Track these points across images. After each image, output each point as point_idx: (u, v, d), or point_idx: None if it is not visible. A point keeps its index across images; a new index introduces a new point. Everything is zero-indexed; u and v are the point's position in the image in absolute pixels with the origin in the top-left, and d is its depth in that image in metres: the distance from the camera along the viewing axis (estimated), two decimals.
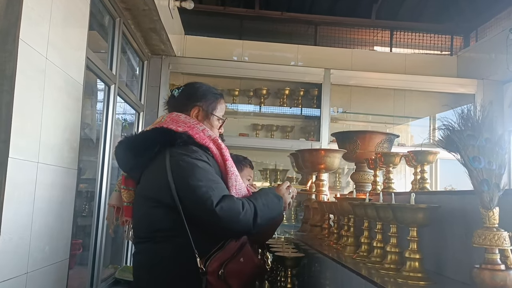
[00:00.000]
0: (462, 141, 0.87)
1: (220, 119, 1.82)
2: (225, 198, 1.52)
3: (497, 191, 0.86)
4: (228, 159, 1.69)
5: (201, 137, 1.65)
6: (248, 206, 1.56)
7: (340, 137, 2.82)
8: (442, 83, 4.37)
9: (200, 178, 1.51)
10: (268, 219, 1.65)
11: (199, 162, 1.56)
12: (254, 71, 4.27)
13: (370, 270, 1.42)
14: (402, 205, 1.25)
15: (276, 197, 1.72)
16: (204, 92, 1.80)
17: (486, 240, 0.84)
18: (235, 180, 1.68)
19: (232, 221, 1.51)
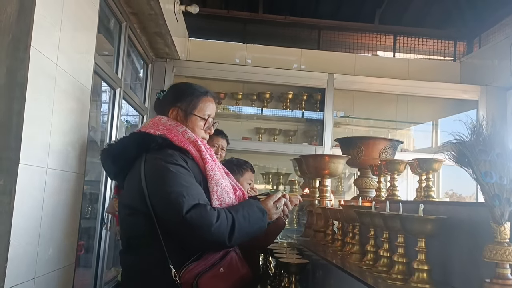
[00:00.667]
0: (474, 155, 0.88)
1: (202, 118, 1.69)
2: (197, 206, 1.42)
3: (508, 206, 0.87)
4: (207, 162, 1.59)
5: (180, 140, 1.58)
6: (224, 217, 1.46)
7: (344, 142, 2.83)
8: (445, 89, 4.38)
9: (171, 183, 1.43)
10: (248, 233, 1.54)
11: (172, 166, 1.47)
12: (257, 74, 4.28)
13: (377, 280, 1.42)
14: (411, 216, 1.26)
15: (261, 211, 1.60)
16: (184, 91, 1.71)
17: (497, 255, 0.85)
18: (215, 185, 1.57)
19: (203, 232, 1.40)
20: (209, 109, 1.71)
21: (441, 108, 4.71)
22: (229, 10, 4.98)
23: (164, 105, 1.70)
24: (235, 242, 1.50)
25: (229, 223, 1.46)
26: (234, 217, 1.48)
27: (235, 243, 1.52)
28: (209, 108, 1.71)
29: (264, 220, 1.59)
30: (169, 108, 1.67)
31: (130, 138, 1.60)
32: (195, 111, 1.67)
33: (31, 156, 1.43)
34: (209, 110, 1.71)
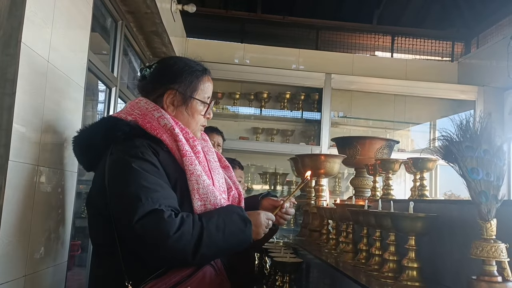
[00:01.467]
0: (460, 152, 0.88)
1: (204, 102, 1.44)
2: (153, 213, 1.16)
3: (495, 203, 0.86)
4: (185, 154, 1.32)
5: (153, 127, 1.32)
6: (189, 226, 1.18)
7: (340, 142, 2.83)
8: (442, 89, 4.38)
9: (129, 183, 1.19)
10: (221, 249, 1.26)
11: (135, 161, 1.22)
12: (255, 74, 4.29)
13: (369, 278, 1.42)
14: (401, 213, 1.26)
15: (242, 220, 1.30)
16: (181, 70, 1.42)
17: (483, 251, 0.84)
18: (196, 182, 1.30)
19: (157, 246, 1.16)
20: (209, 90, 1.47)
21: (438, 109, 4.71)
22: (227, 10, 4.99)
23: (152, 86, 1.43)
24: (202, 259, 1.22)
25: (195, 234, 1.18)
26: (204, 227, 1.20)
27: (203, 260, 1.23)
28: (209, 89, 1.47)
29: (246, 232, 1.29)
30: (161, 90, 1.41)
31: (98, 125, 1.37)
32: (196, 94, 1.42)
33: (21, 153, 1.42)
34: (209, 91, 1.47)
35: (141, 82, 1.48)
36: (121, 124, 1.30)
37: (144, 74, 1.45)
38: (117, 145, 1.28)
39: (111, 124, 1.32)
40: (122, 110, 1.42)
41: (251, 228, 1.31)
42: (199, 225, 1.21)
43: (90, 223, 1.35)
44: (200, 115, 1.45)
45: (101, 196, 1.24)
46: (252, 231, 1.32)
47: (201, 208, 1.30)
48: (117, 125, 1.31)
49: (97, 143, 1.32)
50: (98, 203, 1.28)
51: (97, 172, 1.32)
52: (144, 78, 1.46)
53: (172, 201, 1.23)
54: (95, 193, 1.30)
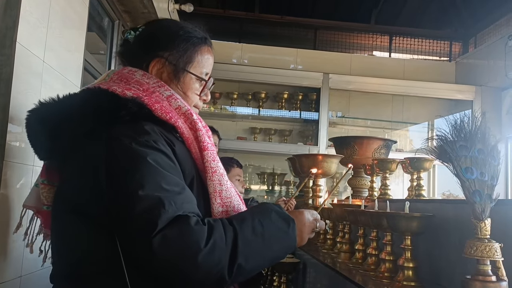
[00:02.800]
0: (454, 151, 0.88)
1: (200, 79, 1.15)
2: (176, 221, 0.87)
3: (489, 202, 0.86)
4: (207, 147, 1.05)
5: (164, 109, 1.02)
6: (220, 234, 0.89)
7: (338, 142, 2.83)
8: (440, 89, 4.39)
9: (143, 181, 0.88)
10: (262, 257, 0.96)
11: (149, 152, 0.93)
12: (253, 74, 4.28)
13: (365, 278, 1.42)
14: (396, 213, 1.26)
15: (284, 220, 1.01)
16: (174, 33, 1.14)
17: (477, 251, 0.84)
18: (219, 182, 1.03)
19: (184, 263, 0.86)
20: (208, 64, 1.18)
21: (436, 108, 4.72)
22: (225, 10, 4.98)
23: (136, 52, 1.13)
24: (239, 274, 0.91)
25: (229, 242, 0.90)
26: (236, 232, 0.92)
27: (240, 276, 0.92)
28: (208, 63, 1.18)
29: (290, 234, 1.01)
30: (147, 58, 1.11)
31: (82, 99, 1.02)
32: (190, 66, 1.13)
33: (17, 154, 1.42)
34: (208, 66, 1.18)
35: (122, 47, 1.19)
36: (124, 101, 0.98)
37: (128, 37, 1.16)
38: (118, 128, 0.96)
39: (107, 100, 0.99)
40: (110, 81, 1.09)
41: (295, 228, 1.02)
42: (231, 229, 0.92)
43: (67, 233, 0.99)
44: (195, 94, 1.16)
45: (93, 196, 0.93)
46: (296, 232, 1.03)
47: (222, 215, 1.02)
48: (117, 101, 0.99)
49: (81, 125, 0.98)
50: (84, 205, 0.96)
51: (80, 164, 0.99)
52: (127, 42, 1.16)
53: (194, 206, 0.96)
54: (79, 193, 0.97)
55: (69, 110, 1.01)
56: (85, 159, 0.98)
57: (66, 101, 1.04)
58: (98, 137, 0.96)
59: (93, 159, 0.95)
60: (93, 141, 0.96)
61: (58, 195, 1.05)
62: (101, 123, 0.97)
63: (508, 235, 1.03)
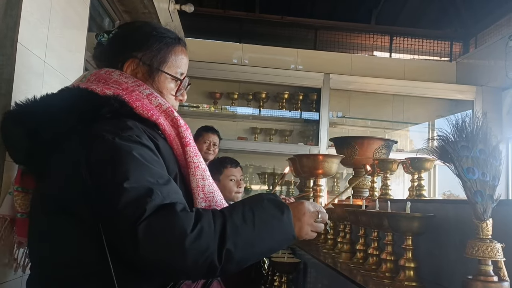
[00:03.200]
0: (456, 152, 0.88)
1: (175, 78, 1.16)
2: (162, 209, 0.86)
3: (490, 203, 0.86)
4: (189, 143, 1.06)
5: (145, 107, 1.03)
6: (208, 219, 0.88)
7: (338, 142, 2.83)
8: (441, 89, 4.38)
9: (128, 174, 0.88)
10: (253, 245, 0.92)
11: (133, 147, 0.93)
12: (253, 74, 4.29)
13: (366, 278, 1.42)
14: (397, 213, 1.26)
15: (277, 207, 0.97)
16: (147, 34, 1.16)
17: (479, 251, 0.84)
18: (201, 177, 1.04)
19: (169, 252, 0.83)
20: (183, 64, 1.19)
21: (437, 109, 4.71)
22: (225, 10, 4.98)
23: (109, 54, 1.16)
24: (230, 263, 0.88)
25: (217, 228, 0.88)
26: (225, 218, 0.90)
27: (231, 263, 0.88)
28: (182, 63, 1.19)
29: (284, 221, 0.96)
30: (121, 59, 1.13)
31: (62, 98, 1.03)
32: (164, 66, 1.14)
33: None
34: (183, 66, 1.19)
35: (96, 50, 1.19)
36: (106, 98, 0.99)
37: (101, 40, 1.17)
38: (99, 125, 0.96)
39: (88, 98, 0.99)
40: (88, 81, 1.09)
41: (290, 215, 0.97)
42: (220, 216, 0.90)
43: (49, 233, 0.97)
44: (170, 95, 1.17)
45: (76, 193, 0.92)
46: (292, 221, 0.97)
47: None
48: (98, 99, 0.99)
49: (64, 122, 0.97)
50: (68, 203, 0.94)
51: (61, 163, 0.97)
52: (100, 45, 1.18)
53: (181, 197, 0.94)
54: (61, 191, 0.95)
55: (49, 110, 1.01)
56: (68, 158, 0.96)
57: (44, 101, 1.05)
58: (80, 135, 0.96)
59: (76, 157, 0.94)
60: (74, 140, 0.96)
61: (38, 198, 1.03)
62: (83, 121, 0.98)
63: (509, 235, 1.03)
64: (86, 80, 1.10)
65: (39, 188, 1.04)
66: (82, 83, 1.08)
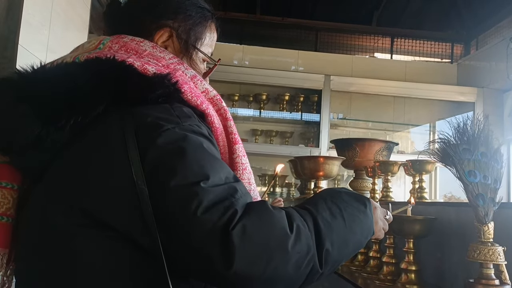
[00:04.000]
0: (457, 155, 0.87)
1: (211, 60, 1.00)
2: (253, 207, 0.70)
3: (492, 206, 0.86)
4: (238, 140, 0.89)
5: (194, 92, 0.83)
6: (298, 217, 0.73)
7: (339, 144, 2.82)
8: (442, 91, 4.38)
9: (205, 171, 0.70)
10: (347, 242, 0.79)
11: (201, 138, 0.75)
12: (254, 76, 4.28)
13: (367, 281, 1.42)
14: (399, 216, 1.25)
15: (357, 200, 0.85)
16: (183, 1, 0.96)
17: (480, 255, 0.84)
18: (248, 182, 0.89)
19: (271, 257, 0.67)
20: (214, 45, 1.03)
21: (438, 110, 4.71)
22: (226, 11, 4.98)
23: (137, 18, 0.93)
24: (329, 266, 0.74)
25: (310, 226, 0.73)
26: (313, 214, 0.76)
27: (329, 267, 0.75)
28: (214, 43, 1.02)
29: (368, 214, 0.84)
30: (151, 26, 0.92)
31: (91, 71, 0.77)
32: (200, 44, 0.96)
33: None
34: (213, 47, 1.03)
35: (112, 8, 0.96)
36: (160, 77, 0.78)
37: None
38: (146, 110, 0.75)
39: (132, 74, 0.77)
40: (111, 49, 0.84)
41: (371, 208, 0.86)
42: (307, 213, 0.76)
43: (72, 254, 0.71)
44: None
45: (121, 200, 0.70)
46: (373, 213, 0.87)
47: None
48: (150, 78, 0.78)
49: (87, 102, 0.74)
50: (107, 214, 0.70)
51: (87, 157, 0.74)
52: (118, 3, 0.96)
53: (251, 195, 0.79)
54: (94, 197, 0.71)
55: (71, 85, 0.74)
56: (105, 153, 0.73)
57: (61, 72, 0.79)
58: (120, 122, 0.73)
59: (120, 153, 0.70)
60: (112, 128, 0.73)
61: (45, 203, 0.76)
62: (119, 102, 0.75)
63: (511, 238, 1.02)
64: (106, 48, 0.85)
65: (42, 195, 0.77)
66: (102, 50, 0.84)
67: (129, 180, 0.69)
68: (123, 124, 0.72)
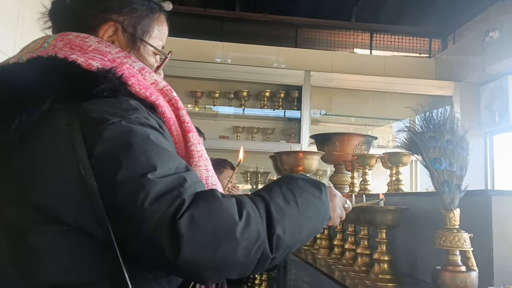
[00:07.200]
0: (423, 142, 0.88)
1: (160, 53, 0.99)
2: (202, 196, 0.73)
3: (458, 193, 0.86)
4: (191, 129, 0.89)
5: (142, 84, 0.84)
6: (249, 204, 0.75)
7: (319, 139, 2.83)
8: (420, 85, 4.43)
9: (152, 163, 0.72)
10: (300, 227, 0.80)
11: (149, 130, 0.76)
12: (234, 73, 4.27)
13: (342, 273, 1.42)
14: (371, 207, 1.26)
15: (314, 185, 0.86)
16: None
17: (446, 241, 0.84)
18: (205, 168, 0.88)
19: (219, 246, 0.69)
20: (165, 37, 1.02)
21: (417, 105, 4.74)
22: (205, 8, 4.95)
23: (80, 13, 0.91)
24: (280, 251, 0.76)
25: (262, 212, 0.75)
26: (265, 200, 0.78)
27: (281, 253, 0.77)
28: (165, 35, 1.02)
29: (323, 200, 0.85)
30: (96, 21, 0.91)
31: (34, 68, 0.78)
32: (148, 37, 0.96)
33: None
34: (164, 39, 1.02)
35: (56, 5, 0.95)
36: (103, 73, 0.78)
37: None
38: (91, 105, 0.75)
39: (74, 71, 0.78)
40: (55, 47, 0.84)
41: (328, 194, 0.88)
42: (260, 199, 0.77)
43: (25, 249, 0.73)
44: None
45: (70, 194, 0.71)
46: (329, 199, 0.88)
47: None
48: (91, 73, 0.78)
49: (38, 101, 0.73)
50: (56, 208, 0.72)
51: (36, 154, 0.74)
52: (63, 1, 0.94)
53: (204, 184, 0.82)
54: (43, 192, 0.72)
55: (13, 85, 0.75)
56: (52, 150, 0.73)
57: (3, 73, 0.78)
58: (57, 117, 0.74)
59: (65, 149, 0.71)
60: (51, 123, 0.74)
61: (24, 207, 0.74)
62: (67, 99, 0.75)
63: (478, 225, 1.03)
64: (51, 47, 0.85)
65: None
66: (46, 49, 0.84)
67: (78, 176, 0.70)
68: (69, 120, 0.74)
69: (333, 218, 0.93)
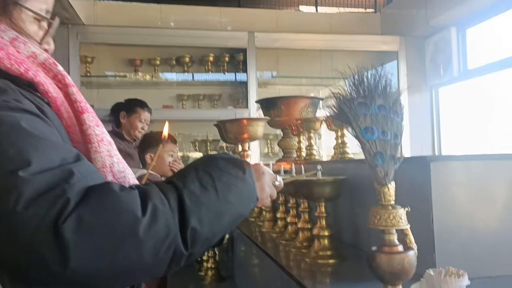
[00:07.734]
0: (352, 110, 0.76)
1: (41, 17, 0.82)
2: (94, 192, 0.61)
3: (392, 164, 0.77)
4: (86, 108, 0.77)
5: (14, 58, 0.72)
6: (159, 197, 0.65)
7: (264, 103, 2.71)
8: (366, 42, 4.36)
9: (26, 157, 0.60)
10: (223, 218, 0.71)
11: (20, 116, 0.64)
12: (175, 37, 4.02)
13: (285, 248, 1.33)
14: (307, 179, 1.16)
15: (236, 165, 0.77)
16: None
17: (381, 220, 0.75)
18: (108, 154, 0.77)
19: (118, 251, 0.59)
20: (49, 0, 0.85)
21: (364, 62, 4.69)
22: None
23: None
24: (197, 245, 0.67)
25: (173, 205, 0.65)
26: (178, 188, 0.68)
27: (198, 247, 0.67)
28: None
29: (248, 180, 0.77)
30: None
31: None
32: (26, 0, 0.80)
33: None
34: (50, 1, 0.85)
35: None
36: None
37: None
38: None
39: None
40: None
41: (252, 174, 0.78)
42: (171, 188, 0.68)
43: None
44: (34, 42, 0.81)
45: None
46: (255, 179, 0.79)
47: None
48: None
49: None
50: None
51: None
52: None
53: (102, 175, 0.72)
54: None
55: None
56: None
57: None
58: None
59: None
60: None
61: None
62: None
63: (416, 195, 0.96)
64: None
65: None
66: None
67: None
68: None
69: (261, 198, 0.85)
